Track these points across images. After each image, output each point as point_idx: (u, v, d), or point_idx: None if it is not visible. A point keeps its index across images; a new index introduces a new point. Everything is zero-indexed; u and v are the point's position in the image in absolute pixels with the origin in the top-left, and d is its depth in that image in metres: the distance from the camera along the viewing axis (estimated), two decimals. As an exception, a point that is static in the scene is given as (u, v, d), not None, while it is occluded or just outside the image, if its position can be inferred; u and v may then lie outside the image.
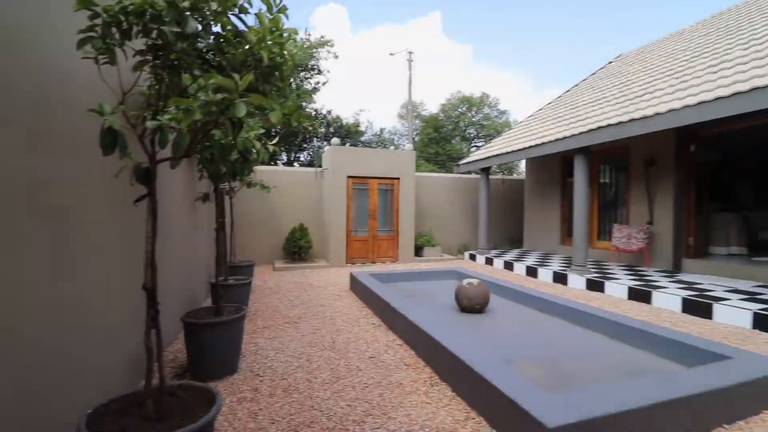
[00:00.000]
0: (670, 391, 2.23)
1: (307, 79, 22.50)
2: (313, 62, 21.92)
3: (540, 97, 55.60)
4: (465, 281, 4.59)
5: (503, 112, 28.90)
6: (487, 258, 9.18)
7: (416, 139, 30.04)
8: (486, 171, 9.81)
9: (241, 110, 1.20)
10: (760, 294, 4.94)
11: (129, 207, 1.96)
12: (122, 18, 1.54)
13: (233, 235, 6.07)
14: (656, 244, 7.01)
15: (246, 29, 1.51)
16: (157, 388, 1.75)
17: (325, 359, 3.29)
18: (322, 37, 21.99)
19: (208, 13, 1.39)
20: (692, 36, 8.57)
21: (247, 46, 1.51)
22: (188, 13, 1.38)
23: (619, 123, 5.67)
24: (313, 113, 22.31)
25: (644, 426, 2.09)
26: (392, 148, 29.80)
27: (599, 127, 6.01)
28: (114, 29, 1.56)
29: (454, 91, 31.48)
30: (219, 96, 1.24)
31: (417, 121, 30.26)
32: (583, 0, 65.10)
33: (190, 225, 4.60)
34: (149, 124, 1.41)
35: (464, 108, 28.59)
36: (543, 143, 7.38)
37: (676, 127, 5.05)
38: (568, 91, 11.36)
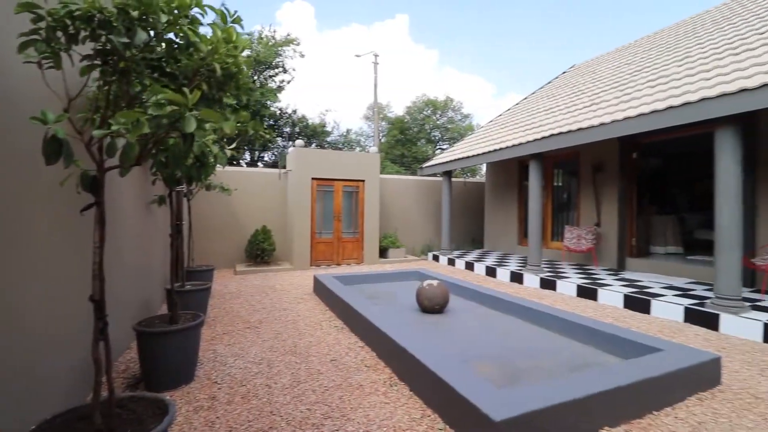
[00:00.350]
0: (606, 383, 2.43)
1: (271, 77, 22.08)
2: (278, 60, 21.56)
3: (502, 101, 57.56)
4: (425, 282, 4.72)
5: (467, 116, 29.69)
6: (449, 259, 9.43)
7: (382, 140, 30.23)
8: (448, 174, 10.08)
9: (191, 125, 1.21)
10: (692, 290, 5.42)
11: (80, 214, 1.89)
12: (68, 22, 1.50)
13: (191, 239, 5.88)
14: (603, 244, 7.51)
15: (198, 40, 1.51)
16: (105, 401, 1.71)
17: (285, 364, 3.29)
18: (288, 35, 21.70)
19: (158, 24, 1.38)
20: (636, 51, 9.24)
21: (200, 57, 1.51)
22: (138, 23, 1.36)
23: (569, 131, 6.04)
24: (278, 112, 21.93)
25: (582, 415, 2.27)
26: (358, 149, 29.83)
27: (551, 135, 6.37)
28: (60, 33, 1.51)
29: (420, 94, 32.02)
30: (169, 108, 1.24)
31: (383, 123, 30.46)
32: (546, 8, 68.09)
33: (144, 229, 4.43)
34: (96, 133, 1.38)
35: (429, 111, 29.10)
36: (501, 148, 7.70)
37: (620, 136, 5.45)
38: (525, 98, 11.88)
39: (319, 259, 8.92)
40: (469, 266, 8.58)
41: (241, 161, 20.02)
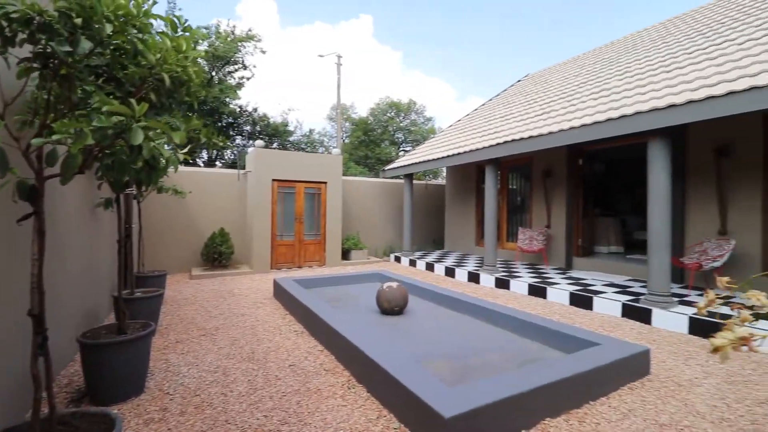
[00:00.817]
0: (548, 377, 2.62)
1: (230, 73, 21.43)
2: (237, 56, 20.95)
3: (464, 105, 59.12)
4: (385, 285, 4.81)
5: (429, 119, 30.27)
6: (410, 260, 9.60)
7: (346, 141, 30.16)
8: (410, 177, 10.26)
9: (138, 137, 1.20)
10: (630, 287, 5.89)
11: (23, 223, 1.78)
12: (4, 24, 1.43)
13: (142, 243, 5.62)
14: (553, 245, 7.97)
15: (146, 48, 1.48)
16: (46, 418, 1.64)
17: (242, 371, 3.25)
18: (249, 30, 21.13)
19: (103, 32, 1.34)
20: (583, 63, 9.87)
21: (148, 66, 1.49)
22: (81, 31, 1.32)
23: (522, 139, 6.37)
24: (238, 110, 21.31)
25: (526, 408, 2.44)
26: (322, 149, 29.55)
27: (506, 142, 6.68)
28: (-7, 35, 1.44)
29: (384, 95, 32.27)
30: (115, 119, 1.22)
31: (347, 124, 30.42)
32: (509, 14, 70.72)
33: (89, 234, 4.19)
34: (35, 141, 1.33)
35: (393, 113, 29.40)
36: (460, 153, 7.96)
37: (568, 143, 5.82)
38: (483, 104, 12.33)
39: (280, 262, 8.79)
40: (430, 267, 8.79)
41: (197, 160, 19.25)
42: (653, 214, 4.79)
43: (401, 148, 29.15)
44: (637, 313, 4.78)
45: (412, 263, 9.51)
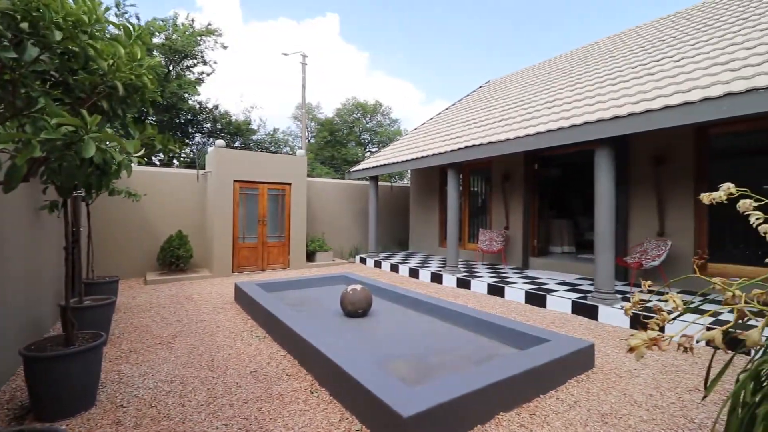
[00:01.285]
0: (502, 373, 2.77)
1: (189, 68, 20.61)
2: (197, 50, 20.18)
3: (430, 108, 60.10)
4: (349, 288, 4.85)
5: (395, 121, 30.57)
6: (375, 261, 9.69)
7: (311, 141, 29.82)
8: (375, 179, 10.35)
9: (90, 149, 1.17)
10: (580, 285, 6.28)
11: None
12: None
13: (91, 248, 5.32)
14: (511, 245, 8.33)
15: (97, 55, 1.44)
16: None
17: (201, 379, 3.18)
18: (209, 24, 20.43)
19: (51, 38, 1.30)
20: (539, 73, 10.37)
21: (100, 73, 1.45)
22: (27, 36, 1.27)
23: (482, 144, 6.62)
24: (197, 106, 20.53)
25: (481, 404, 2.57)
26: (287, 149, 29.06)
27: (466, 147, 6.92)
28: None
29: (350, 96, 32.16)
30: (64, 129, 1.19)
31: (313, 124, 30.07)
32: (475, 18, 72.53)
33: (33, 239, 3.93)
34: (-26, 150, 1.26)
35: (359, 114, 29.41)
36: (423, 156, 8.14)
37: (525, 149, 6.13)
38: (447, 109, 12.65)
39: (243, 265, 8.59)
40: (394, 268, 8.92)
41: (154, 159, 18.34)
42: (599, 217, 5.14)
43: (367, 149, 29.24)
44: (585, 309, 5.11)
45: (378, 264, 9.59)
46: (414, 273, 8.18)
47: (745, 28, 5.61)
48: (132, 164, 3.02)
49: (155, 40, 17.77)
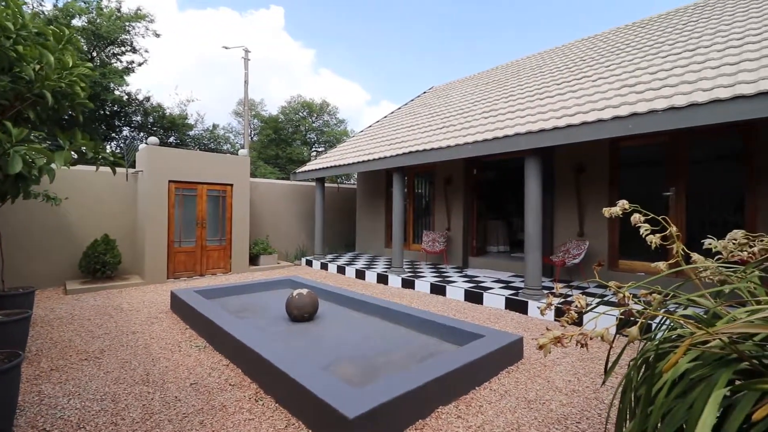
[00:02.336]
0: (441, 370, 2.97)
1: (116, 55, 18.93)
2: (125, 37, 18.60)
3: (376, 109, 60.63)
4: (295, 292, 4.84)
5: (342, 121, 30.43)
6: (322, 263, 9.66)
7: (255, 139, 28.78)
8: (321, 180, 10.30)
9: (17, 165, 1.11)
10: (513, 282, 6.79)
11: None
12: None
13: (2, 257, 4.77)
14: (452, 246, 8.76)
15: (22, 60, 1.35)
16: None
17: (135, 395, 3.02)
18: (139, 9, 18.89)
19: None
20: (478, 83, 10.98)
21: (25, 81, 1.36)
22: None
23: (425, 150, 6.90)
24: (125, 97, 18.91)
25: (422, 400, 2.74)
26: (227, 146, 27.74)
27: (410, 152, 7.17)
28: None
29: (296, 94, 31.47)
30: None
31: (256, 121, 29.01)
32: (424, 20, 74.08)
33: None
34: None
35: (305, 113, 28.91)
36: (369, 160, 8.28)
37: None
38: (393, 112, 12.92)
39: (179, 271, 8.13)
40: (341, 270, 8.96)
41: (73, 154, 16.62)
42: (528, 219, 5.62)
43: (313, 149, 28.84)
44: (516, 305, 5.56)
45: (324, 267, 9.57)
46: (361, 274, 8.29)
47: (650, 54, 6.43)
48: (53, 171, 2.80)
49: (76, 22, 16.09)
